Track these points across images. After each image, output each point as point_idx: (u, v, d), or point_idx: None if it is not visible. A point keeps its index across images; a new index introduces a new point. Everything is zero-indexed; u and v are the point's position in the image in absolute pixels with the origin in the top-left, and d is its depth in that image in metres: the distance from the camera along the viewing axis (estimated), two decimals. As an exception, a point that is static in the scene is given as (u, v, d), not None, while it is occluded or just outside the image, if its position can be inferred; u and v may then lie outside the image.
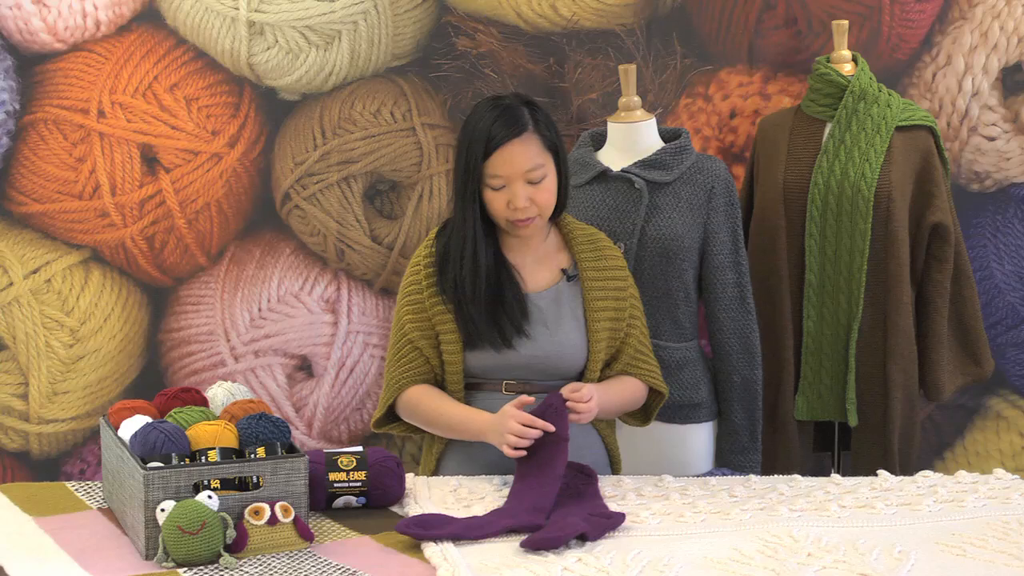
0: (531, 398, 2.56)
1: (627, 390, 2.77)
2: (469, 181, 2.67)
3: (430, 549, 2.20)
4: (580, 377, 2.74)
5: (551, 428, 2.50)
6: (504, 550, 2.21)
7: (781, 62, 3.60)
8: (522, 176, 2.65)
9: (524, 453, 2.50)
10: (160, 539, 2.16)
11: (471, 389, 2.74)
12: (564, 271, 2.75)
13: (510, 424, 2.52)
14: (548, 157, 2.68)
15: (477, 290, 2.67)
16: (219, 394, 2.62)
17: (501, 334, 2.67)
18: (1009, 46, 3.54)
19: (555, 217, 2.77)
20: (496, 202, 2.67)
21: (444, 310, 2.71)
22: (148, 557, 2.19)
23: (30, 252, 3.68)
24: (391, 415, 2.82)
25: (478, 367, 2.71)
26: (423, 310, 2.74)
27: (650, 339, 2.85)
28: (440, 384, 2.76)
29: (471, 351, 2.70)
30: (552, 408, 2.52)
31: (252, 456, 2.31)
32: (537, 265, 2.75)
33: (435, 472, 2.78)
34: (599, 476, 2.60)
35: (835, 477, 2.65)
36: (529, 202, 2.65)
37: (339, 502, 2.47)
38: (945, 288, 3.32)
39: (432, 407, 2.73)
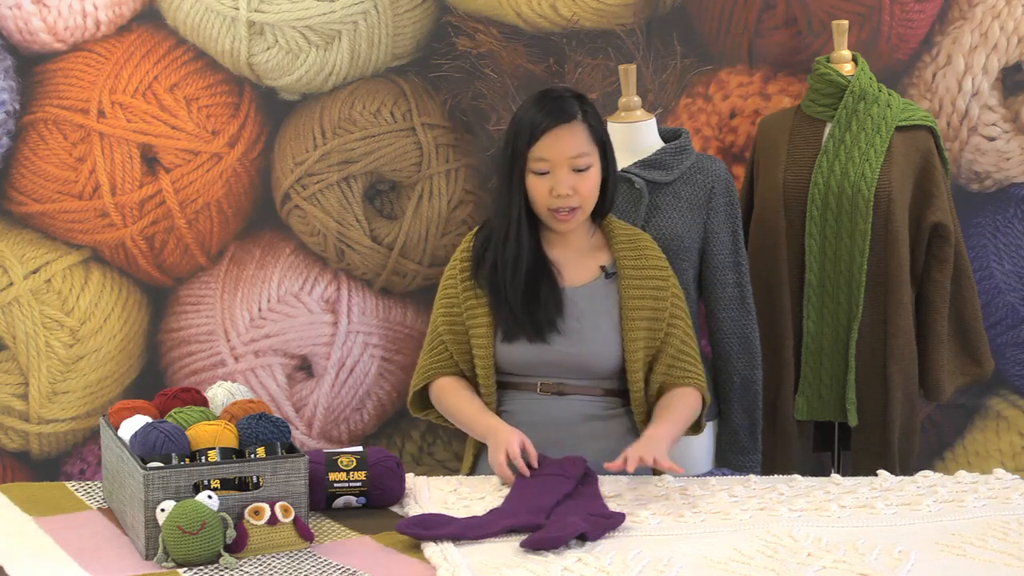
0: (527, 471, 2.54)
1: (687, 411, 2.71)
2: (515, 167, 2.68)
3: (430, 549, 2.20)
4: (620, 378, 2.72)
5: (526, 473, 2.52)
6: (504, 550, 2.21)
7: (781, 62, 3.60)
8: (567, 162, 2.65)
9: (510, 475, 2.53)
10: (160, 539, 2.16)
11: (506, 388, 2.75)
12: (603, 268, 2.75)
13: (499, 456, 2.55)
14: (595, 149, 2.69)
15: (517, 275, 2.68)
16: (219, 394, 2.62)
17: (535, 326, 2.67)
18: (1009, 46, 3.54)
19: (600, 217, 2.77)
20: (539, 189, 2.67)
21: (477, 303, 2.73)
22: (148, 557, 2.19)
23: (30, 252, 3.68)
24: (425, 402, 2.85)
25: (511, 362, 2.72)
26: (455, 305, 2.77)
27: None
28: (472, 379, 2.77)
29: (506, 344, 2.70)
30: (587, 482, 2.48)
31: (252, 456, 2.31)
32: (576, 262, 2.75)
33: (472, 470, 2.81)
34: (599, 476, 2.60)
35: (835, 477, 2.65)
36: (572, 191, 2.66)
37: (339, 502, 2.47)
38: (945, 288, 3.32)
39: (453, 401, 2.76)
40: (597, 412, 2.74)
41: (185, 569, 2.15)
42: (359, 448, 2.53)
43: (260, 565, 2.17)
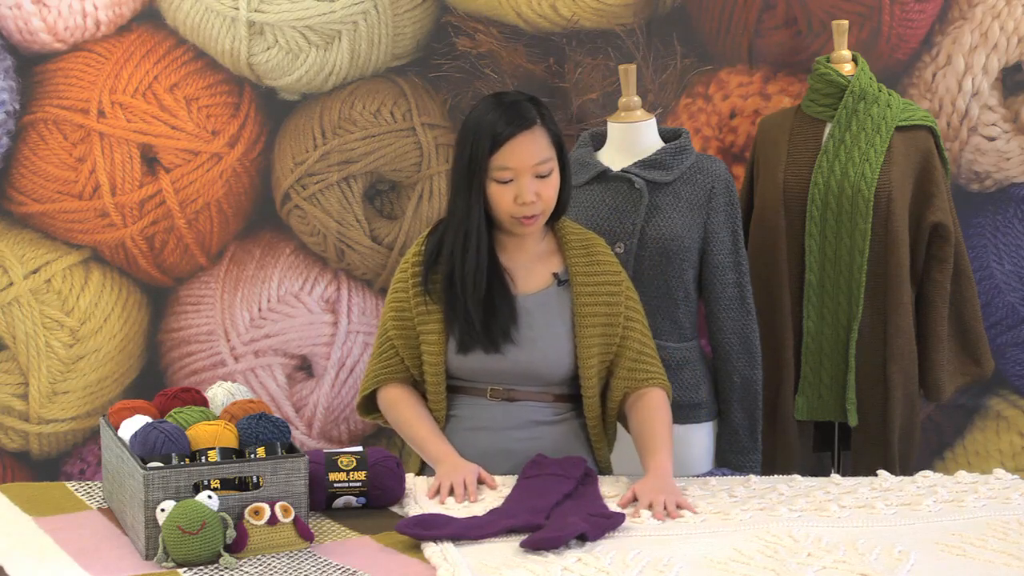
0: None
1: (668, 422, 2.67)
2: (475, 176, 2.62)
3: (430, 549, 2.20)
4: (570, 384, 2.71)
5: (473, 500, 2.50)
6: (504, 550, 2.21)
7: (781, 62, 3.60)
8: (531, 169, 2.61)
9: (437, 499, 2.51)
10: (160, 539, 2.16)
11: (456, 392, 2.73)
12: (555, 275, 2.72)
13: (455, 478, 2.53)
14: (554, 152, 2.65)
15: (477, 289, 2.64)
16: (219, 394, 2.62)
17: (490, 338, 2.64)
18: (1009, 46, 3.54)
19: (555, 219, 2.74)
20: (502, 197, 2.62)
21: (427, 311, 2.69)
22: (148, 557, 2.19)
23: (30, 252, 3.68)
24: (373, 405, 2.83)
25: (463, 370, 2.70)
26: (406, 309, 2.73)
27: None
28: (420, 384, 2.75)
29: (459, 354, 2.68)
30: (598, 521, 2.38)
31: (252, 456, 2.31)
32: (529, 268, 2.72)
33: (421, 471, 2.78)
34: (599, 476, 2.61)
35: (835, 477, 2.65)
36: (536, 197, 2.62)
37: (339, 502, 2.47)
38: (945, 288, 3.32)
39: (405, 417, 2.74)
40: (546, 418, 2.71)
41: (185, 569, 2.15)
42: (359, 448, 2.53)
43: (260, 565, 2.17)
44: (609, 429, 2.77)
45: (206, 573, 2.14)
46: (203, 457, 2.29)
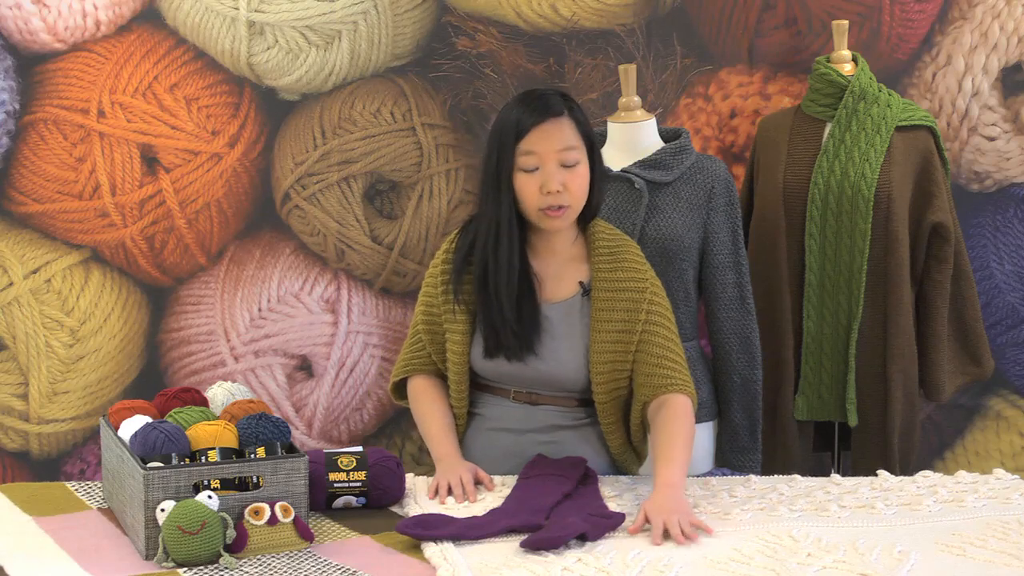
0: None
1: (687, 432, 2.55)
2: (502, 167, 2.61)
3: (430, 549, 2.21)
4: (586, 392, 2.69)
5: (472, 500, 2.50)
6: (504, 550, 2.21)
7: (781, 62, 3.60)
8: (556, 156, 2.59)
9: (437, 499, 2.51)
10: (160, 539, 2.16)
11: (482, 389, 2.74)
12: (581, 284, 2.70)
13: (452, 477, 2.55)
14: (582, 144, 2.63)
15: (510, 285, 2.62)
16: (219, 394, 2.62)
17: (515, 348, 2.63)
18: (1009, 46, 3.54)
19: (587, 220, 2.71)
20: (528, 187, 2.59)
21: (454, 311, 2.69)
22: (148, 557, 2.20)
23: (30, 252, 3.68)
24: (405, 390, 2.86)
25: (486, 371, 2.70)
26: (434, 305, 2.75)
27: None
28: (446, 378, 2.77)
29: (486, 358, 2.68)
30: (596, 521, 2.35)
31: (252, 456, 2.31)
32: (559, 275, 2.70)
33: None
34: (599, 476, 2.61)
35: (835, 477, 2.65)
36: (562, 187, 2.59)
37: (339, 502, 2.47)
38: (945, 288, 3.32)
39: (423, 410, 2.77)
40: (568, 422, 2.70)
41: (185, 569, 2.15)
42: (359, 448, 2.54)
43: (260, 565, 2.17)
44: (635, 437, 2.71)
45: (206, 573, 2.14)
46: (203, 457, 2.29)
